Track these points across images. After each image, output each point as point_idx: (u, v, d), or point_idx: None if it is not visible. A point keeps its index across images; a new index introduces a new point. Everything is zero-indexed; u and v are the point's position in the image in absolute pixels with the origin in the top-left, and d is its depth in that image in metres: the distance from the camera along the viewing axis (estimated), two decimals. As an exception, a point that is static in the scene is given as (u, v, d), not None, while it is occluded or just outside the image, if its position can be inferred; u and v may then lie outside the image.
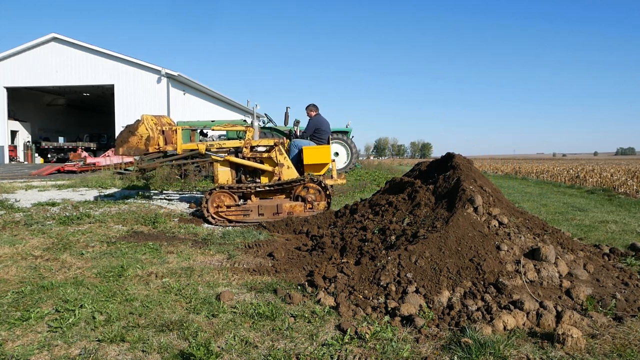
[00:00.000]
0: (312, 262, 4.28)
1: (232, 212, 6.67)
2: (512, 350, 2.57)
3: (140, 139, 6.87)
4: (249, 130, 7.33)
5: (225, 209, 6.66)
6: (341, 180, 7.65)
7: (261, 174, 7.26)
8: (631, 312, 3.14)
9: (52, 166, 18.45)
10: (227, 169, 7.19)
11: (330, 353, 2.54)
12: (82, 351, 2.54)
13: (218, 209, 6.68)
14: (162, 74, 25.99)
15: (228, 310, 3.13)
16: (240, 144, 7.27)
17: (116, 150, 7.15)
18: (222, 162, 7.19)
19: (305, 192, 6.83)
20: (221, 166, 7.18)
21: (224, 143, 7.40)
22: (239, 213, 6.66)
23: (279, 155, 7.12)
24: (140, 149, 6.96)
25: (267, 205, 6.69)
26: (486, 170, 28.60)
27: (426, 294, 3.27)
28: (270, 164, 7.19)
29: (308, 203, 6.76)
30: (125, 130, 6.99)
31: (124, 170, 14.80)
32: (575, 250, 4.05)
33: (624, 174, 16.48)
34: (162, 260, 4.45)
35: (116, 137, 7.24)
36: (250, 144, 7.22)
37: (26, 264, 4.22)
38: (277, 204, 6.68)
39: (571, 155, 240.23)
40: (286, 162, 7.15)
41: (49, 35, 26.60)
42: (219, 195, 6.74)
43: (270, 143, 7.24)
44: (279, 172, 7.08)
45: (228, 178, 7.18)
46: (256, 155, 7.27)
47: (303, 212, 6.66)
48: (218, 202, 6.70)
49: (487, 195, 4.41)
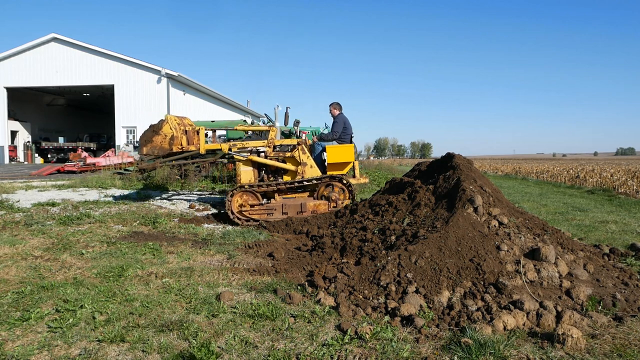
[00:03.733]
0: (312, 262, 4.28)
1: (255, 211, 6.71)
2: (512, 350, 2.57)
3: (165, 138, 6.94)
4: (272, 130, 7.41)
5: (249, 208, 6.71)
6: (364, 180, 7.66)
7: (284, 174, 7.31)
8: (631, 312, 3.14)
9: (52, 166, 18.45)
10: (250, 169, 7.24)
11: (330, 353, 2.54)
12: (82, 351, 2.54)
13: (242, 208, 6.73)
14: (162, 74, 25.99)
15: (228, 311, 3.13)
16: (263, 143, 7.31)
17: (140, 149, 7.18)
18: (245, 162, 7.23)
19: (330, 190, 6.85)
20: (244, 166, 7.22)
21: (247, 143, 7.39)
22: (262, 212, 6.70)
23: (302, 155, 7.17)
24: (164, 148, 7.01)
25: (291, 204, 6.72)
26: (486, 170, 28.60)
27: (426, 294, 3.27)
28: (293, 163, 7.23)
29: (332, 202, 6.78)
30: (149, 130, 7.04)
31: (124, 170, 14.80)
32: (575, 250, 4.05)
33: (624, 174, 16.48)
34: (162, 260, 4.45)
35: (139, 137, 7.26)
36: (273, 143, 7.28)
37: (26, 264, 4.22)
38: (301, 202, 6.72)
39: (571, 155, 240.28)
40: (309, 161, 7.19)
41: (49, 35, 26.61)
42: (242, 195, 6.79)
43: (294, 142, 7.30)
44: (302, 171, 7.13)
45: (250, 178, 7.23)
46: (279, 155, 7.33)
47: (327, 210, 6.68)
48: (242, 202, 6.76)
49: (487, 195, 4.41)
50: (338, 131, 7.60)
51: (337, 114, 7.82)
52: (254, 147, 7.32)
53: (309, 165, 7.15)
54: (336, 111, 7.85)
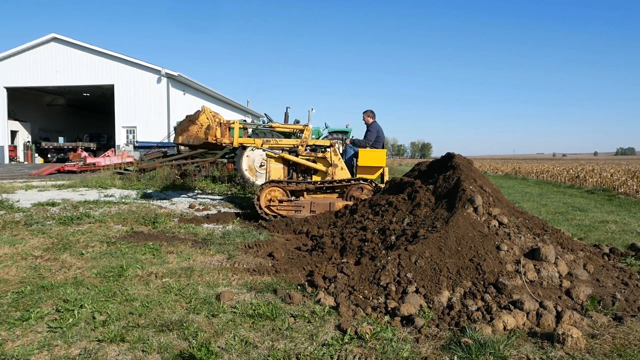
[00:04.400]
0: (312, 262, 4.28)
1: (284, 207, 6.83)
2: (512, 350, 2.57)
3: (201, 127, 7.05)
4: (306, 130, 7.59)
5: (278, 204, 6.84)
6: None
7: (313, 173, 7.46)
8: (631, 312, 3.14)
9: (52, 166, 18.45)
10: (280, 166, 7.43)
11: (330, 353, 2.54)
12: (82, 351, 2.54)
13: (270, 203, 6.84)
14: (162, 74, 25.99)
15: (228, 310, 3.13)
16: (297, 142, 7.48)
17: (175, 138, 7.27)
18: (276, 159, 7.42)
19: (360, 192, 6.91)
20: (275, 163, 7.42)
21: (281, 141, 7.58)
22: (290, 208, 6.82)
23: (334, 156, 7.32)
24: (199, 138, 7.10)
25: (320, 202, 6.83)
26: (486, 170, 28.60)
27: (426, 294, 3.27)
28: (324, 164, 7.38)
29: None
30: (186, 120, 7.15)
31: (124, 170, 14.80)
32: (575, 250, 4.05)
33: (624, 174, 16.48)
34: (162, 260, 4.44)
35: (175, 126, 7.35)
36: (306, 143, 7.44)
37: (26, 264, 4.22)
38: (330, 202, 6.81)
39: (571, 155, 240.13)
40: (340, 163, 7.35)
41: (49, 35, 26.61)
42: (271, 191, 6.91)
43: (327, 144, 7.49)
44: (332, 172, 7.26)
45: (280, 175, 7.40)
46: (310, 155, 7.46)
47: None
48: (271, 197, 6.86)
49: (487, 195, 4.41)
50: (371, 139, 7.84)
51: (371, 122, 8.02)
52: (287, 145, 7.52)
53: (339, 167, 7.31)
54: (370, 119, 8.04)
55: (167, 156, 13.69)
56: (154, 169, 12.49)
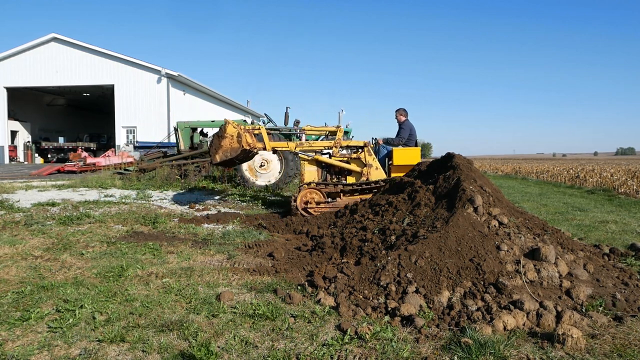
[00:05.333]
0: (312, 262, 4.28)
1: (321, 208, 6.89)
2: (512, 351, 2.57)
3: (232, 138, 7.11)
4: (339, 131, 7.60)
5: (315, 206, 6.89)
6: None
7: (348, 174, 7.47)
8: (631, 312, 3.14)
9: (52, 166, 18.45)
10: (314, 168, 7.47)
11: (330, 353, 2.54)
12: (82, 351, 2.54)
13: (307, 205, 6.90)
14: (162, 74, 25.99)
15: (228, 311, 3.13)
16: (330, 144, 7.51)
17: (213, 159, 7.27)
18: (310, 162, 7.46)
19: None
20: (308, 165, 7.46)
21: (314, 143, 7.64)
22: (327, 210, 6.87)
23: (368, 156, 7.33)
24: (235, 148, 7.15)
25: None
26: (486, 170, 28.59)
27: (426, 294, 3.27)
28: (358, 165, 7.39)
29: None
30: (215, 138, 7.21)
31: (124, 170, 14.80)
32: (575, 250, 4.05)
33: (624, 174, 16.47)
34: (162, 260, 4.44)
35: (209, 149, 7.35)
36: (340, 144, 7.46)
37: (26, 264, 4.22)
38: None
39: (571, 155, 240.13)
40: (374, 163, 7.35)
41: (49, 35, 26.62)
42: (308, 193, 6.97)
43: (360, 144, 7.48)
44: (367, 172, 7.26)
45: (314, 177, 7.42)
46: (344, 156, 7.48)
47: None
48: (308, 199, 6.92)
49: (487, 195, 4.41)
50: (404, 137, 7.84)
51: (403, 120, 8.04)
52: (321, 147, 7.57)
53: (374, 167, 7.31)
54: (402, 117, 8.06)
55: (167, 156, 13.69)
56: (154, 169, 12.49)
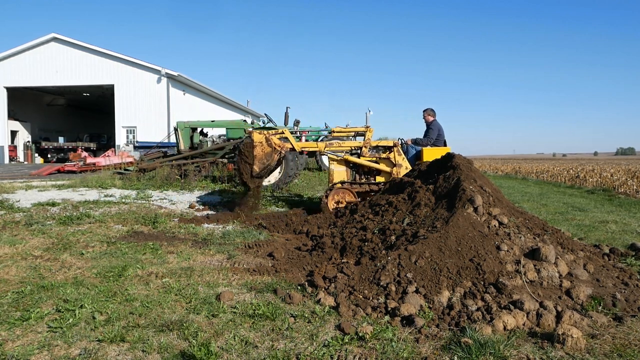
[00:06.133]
0: (312, 262, 4.28)
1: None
2: (512, 351, 2.57)
3: (262, 145, 7.13)
4: (369, 131, 7.63)
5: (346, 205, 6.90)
6: None
7: (377, 174, 7.47)
8: (631, 312, 3.14)
9: (52, 166, 18.45)
10: (343, 169, 7.48)
11: (330, 353, 2.54)
12: (82, 351, 2.54)
13: (338, 205, 6.94)
14: (162, 74, 25.98)
15: (228, 310, 3.13)
16: (359, 144, 7.53)
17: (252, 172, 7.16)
18: (339, 162, 7.49)
19: None
20: (337, 165, 7.49)
21: (344, 143, 7.65)
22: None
23: (398, 156, 7.33)
24: (268, 153, 7.17)
25: None
26: (486, 170, 28.58)
27: (426, 294, 3.27)
28: (388, 165, 7.40)
29: None
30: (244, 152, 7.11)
31: (124, 170, 14.80)
32: (575, 250, 4.05)
33: (624, 174, 16.47)
34: (162, 260, 4.44)
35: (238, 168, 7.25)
36: (369, 144, 7.48)
37: (26, 264, 4.22)
38: None
39: (571, 155, 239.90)
40: (404, 163, 7.34)
41: (49, 35, 26.60)
42: (339, 192, 7.01)
43: (390, 144, 7.49)
44: (397, 172, 7.25)
45: (344, 177, 7.44)
46: (374, 156, 7.49)
47: None
48: (339, 198, 6.95)
49: (487, 195, 4.41)
50: (433, 137, 7.82)
51: (431, 120, 8.00)
52: (350, 147, 7.57)
53: (404, 167, 7.31)
54: (431, 117, 8.02)
55: (167, 156, 13.68)
56: (154, 169, 12.48)
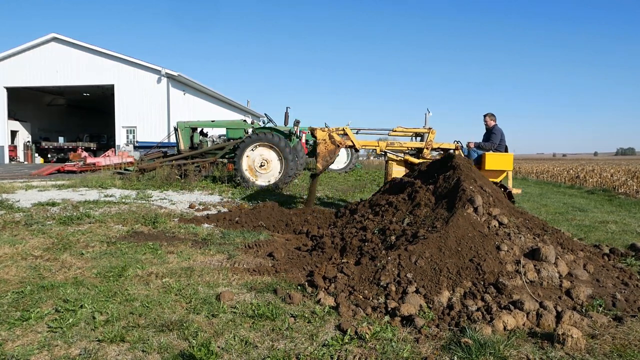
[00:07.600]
0: (312, 262, 4.28)
1: None
2: (512, 351, 2.57)
3: (325, 141, 7.30)
4: (431, 132, 7.66)
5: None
6: (516, 190, 7.53)
7: None
8: (631, 312, 3.14)
9: (52, 166, 18.45)
10: (402, 169, 7.50)
11: (330, 353, 2.54)
12: (82, 351, 2.54)
13: None
14: (162, 74, 25.97)
15: (228, 310, 3.13)
16: (421, 145, 7.58)
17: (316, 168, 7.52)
18: (398, 162, 7.57)
19: None
20: (397, 165, 7.56)
21: (405, 143, 7.71)
22: None
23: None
24: (331, 149, 7.36)
25: None
26: (486, 171, 28.51)
27: (426, 294, 3.27)
28: None
29: None
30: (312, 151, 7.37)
31: (124, 170, 14.80)
32: (575, 250, 4.05)
33: (624, 174, 16.47)
34: (162, 260, 4.44)
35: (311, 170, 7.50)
36: (431, 145, 7.51)
37: (26, 264, 4.22)
38: None
39: (571, 156, 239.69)
40: None
41: (49, 35, 26.59)
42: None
43: (452, 147, 7.50)
44: None
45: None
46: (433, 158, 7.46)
47: None
48: None
49: (487, 195, 4.41)
50: (496, 142, 7.72)
51: (493, 124, 7.90)
52: (410, 148, 7.63)
53: None
54: (492, 122, 7.92)
55: (167, 156, 13.68)
56: (154, 169, 12.48)
